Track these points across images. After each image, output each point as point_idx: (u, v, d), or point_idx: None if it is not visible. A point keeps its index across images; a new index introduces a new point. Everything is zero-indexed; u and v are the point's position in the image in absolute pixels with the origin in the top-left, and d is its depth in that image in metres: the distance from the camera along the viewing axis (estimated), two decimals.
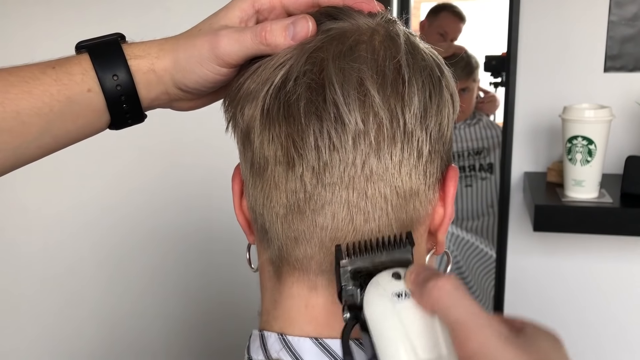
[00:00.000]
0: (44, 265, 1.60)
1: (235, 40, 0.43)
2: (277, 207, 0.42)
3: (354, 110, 0.39)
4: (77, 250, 1.58)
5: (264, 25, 0.43)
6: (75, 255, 1.59)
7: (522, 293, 1.37)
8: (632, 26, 1.22)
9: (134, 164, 1.53)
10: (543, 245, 1.34)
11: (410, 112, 0.40)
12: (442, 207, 0.45)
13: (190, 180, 1.52)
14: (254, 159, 0.42)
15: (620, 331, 1.34)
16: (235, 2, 0.46)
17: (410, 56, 0.42)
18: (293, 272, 0.44)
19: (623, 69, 1.23)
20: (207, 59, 0.44)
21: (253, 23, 0.46)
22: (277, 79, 0.41)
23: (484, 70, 2.04)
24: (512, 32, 1.25)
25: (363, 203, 0.40)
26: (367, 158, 0.40)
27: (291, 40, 0.42)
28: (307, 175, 0.40)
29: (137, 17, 1.46)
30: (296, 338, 0.43)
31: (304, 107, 0.40)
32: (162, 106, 0.49)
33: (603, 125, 1.10)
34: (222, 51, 0.43)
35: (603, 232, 1.15)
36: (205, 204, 1.50)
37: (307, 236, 0.42)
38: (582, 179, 1.13)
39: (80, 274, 1.58)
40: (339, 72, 0.40)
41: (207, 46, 0.44)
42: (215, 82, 0.45)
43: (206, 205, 1.50)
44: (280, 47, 0.42)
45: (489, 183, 2.04)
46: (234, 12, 0.46)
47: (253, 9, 0.46)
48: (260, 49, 0.43)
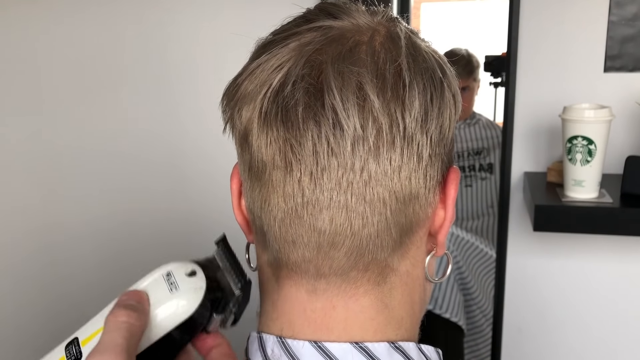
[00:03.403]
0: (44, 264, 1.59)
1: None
2: (275, 210, 0.41)
3: (353, 116, 0.38)
4: (77, 251, 1.58)
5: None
6: (76, 256, 1.59)
7: (522, 293, 1.37)
8: (632, 26, 1.21)
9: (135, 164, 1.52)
10: (543, 245, 1.34)
11: (411, 117, 0.40)
12: (442, 210, 0.45)
13: (190, 180, 1.51)
14: (252, 162, 0.42)
15: (620, 331, 1.34)
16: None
17: (412, 58, 0.41)
18: (291, 275, 0.44)
19: (623, 69, 1.23)
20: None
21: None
22: (275, 82, 0.40)
23: (483, 70, 2.04)
24: (512, 32, 1.24)
25: (362, 207, 0.40)
26: (365, 163, 0.39)
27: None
28: (305, 180, 0.40)
29: (138, 18, 1.46)
30: (295, 341, 0.43)
31: (302, 112, 0.39)
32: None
33: (603, 125, 1.10)
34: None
35: (603, 232, 1.15)
36: (205, 203, 1.50)
37: (304, 240, 0.41)
38: (582, 179, 1.13)
39: (81, 275, 1.58)
40: (337, 76, 0.39)
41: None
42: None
43: (206, 205, 1.50)
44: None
45: (489, 183, 2.04)
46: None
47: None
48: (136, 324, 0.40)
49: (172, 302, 0.42)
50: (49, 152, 1.54)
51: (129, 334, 0.39)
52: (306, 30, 0.42)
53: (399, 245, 0.43)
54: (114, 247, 1.56)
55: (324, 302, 0.43)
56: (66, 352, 0.42)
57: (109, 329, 0.39)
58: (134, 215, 1.54)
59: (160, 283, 0.43)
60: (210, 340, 0.45)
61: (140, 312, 0.41)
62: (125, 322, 0.39)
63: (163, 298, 0.42)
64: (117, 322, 0.39)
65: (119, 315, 0.40)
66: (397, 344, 0.43)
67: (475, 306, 1.78)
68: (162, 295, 0.43)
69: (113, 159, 1.52)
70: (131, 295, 0.42)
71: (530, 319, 1.37)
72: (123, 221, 1.55)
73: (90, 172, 1.53)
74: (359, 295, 0.43)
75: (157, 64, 1.46)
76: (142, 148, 1.50)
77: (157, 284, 0.43)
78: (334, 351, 0.42)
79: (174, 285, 0.43)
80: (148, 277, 0.44)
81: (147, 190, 1.53)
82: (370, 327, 0.43)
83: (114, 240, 1.55)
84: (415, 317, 0.47)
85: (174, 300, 0.42)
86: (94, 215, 1.55)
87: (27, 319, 1.58)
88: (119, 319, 0.39)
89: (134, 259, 1.53)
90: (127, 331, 0.39)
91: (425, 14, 2.35)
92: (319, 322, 0.43)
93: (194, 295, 0.43)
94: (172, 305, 0.42)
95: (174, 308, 0.42)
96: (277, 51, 0.41)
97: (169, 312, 0.42)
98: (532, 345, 1.38)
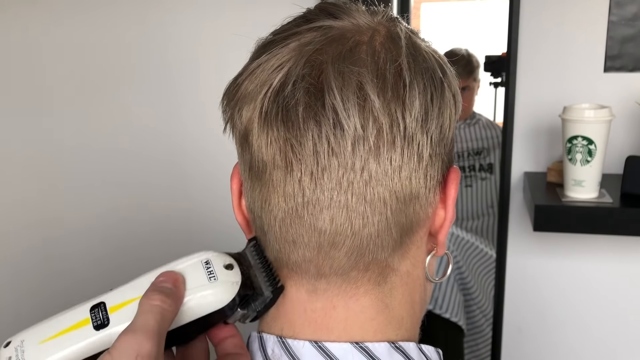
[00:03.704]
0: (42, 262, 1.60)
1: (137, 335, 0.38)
2: (275, 210, 0.41)
3: (353, 116, 0.38)
4: (77, 247, 1.58)
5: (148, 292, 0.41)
6: (75, 251, 1.59)
7: (522, 293, 1.37)
8: (632, 26, 1.21)
9: (136, 162, 1.53)
10: (543, 245, 1.34)
11: (411, 117, 0.40)
12: (442, 210, 0.45)
13: (191, 179, 1.52)
14: (252, 162, 0.42)
15: (620, 331, 1.34)
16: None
17: (412, 58, 0.41)
18: (292, 275, 0.44)
19: (623, 69, 1.23)
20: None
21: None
22: (275, 82, 0.40)
23: (483, 70, 2.04)
24: (512, 32, 1.24)
25: (362, 207, 0.40)
26: (366, 163, 0.39)
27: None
28: (305, 180, 0.40)
29: (138, 18, 1.46)
30: (296, 341, 0.43)
31: (302, 112, 0.39)
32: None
33: (603, 125, 1.10)
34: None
35: (603, 232, 1.15)
36: (206, 203, 1.50)
37: (305, 240, 0.41)
38: (582, 179, 1.13)
39: (80, 273, 1.58)
40: (338, 76, 0.39)
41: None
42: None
43: (207, 204, 1.50)
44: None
45: (489, 183, 2.04)
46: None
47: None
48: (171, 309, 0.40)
49: (208, 292, 0.42)
50: (51, 151, 1.54)
51: (162, 318, 0.39)
52: (306, 30, 0.42)
53: (400, 245, 0.43)
54: (114, 244, 1.56)
55: (325, 302, 0.43)
56: (91, 315, 0.42)
57: (142, 310, 0.39)
58: (134, 212, 1.54)
59: (199, 269, 0.43)
60: (226, 331, 0.45)
61: (174, 297, 0.41)
62: (158, 306, 0.39)
63: (201, 285, 0.42)
64: (151, 305, 0.39)
65: (154, 299, 0.40)
66: (398, 344, 0.43)
67: (475, 306, 1.78)
68: (200, 282, 0.43)
69: (114, 156, 1.52)
70: (168, 277, 0.42)
71: (530, 319, 1.37)
72: (123, 218, 1.55)
73: (92, 169, 1.54)
74: (359, 295, 0.43)
75: (159, 64, 1.46)
76: (143, 146, 1.50)
77: (195, 269, 0.43)
78: (334, 351, 0.42)
79: (213, 274, 0.43)
80: (185, 260, 0.44)
81: (147, 188, 1.53)
82: (370, 327, 0.43)
83: (114, 236, 1.56)
84: (415, 317, 0.47)
85: (210, 289, 0.42)
86: (94, 212, 1.55)
87: (26, 310, 1.58)
88: (153, 302, 0.40)
89: (133, 255, 1.54)
90: (159, 315, 0.39)
91: (425, 14, 2.36)
92: (319, 322, 0.43)
93: (230, 289, 0.43)
94: (208, 294, 0.42)
95: (210, 297, 0.42)
96: (277, 51, 0.41)
97: (203, 301, 0.42)
98: (532, 345, 1.38)
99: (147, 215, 1.54)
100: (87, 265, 1.58)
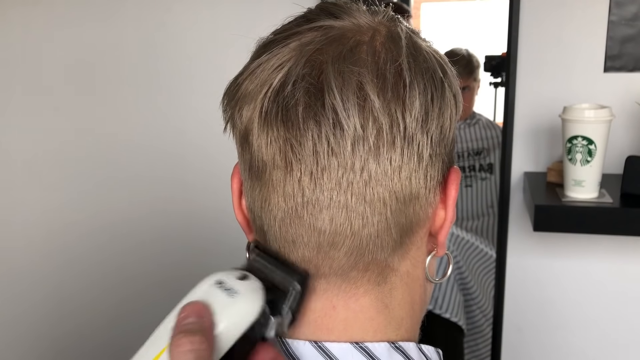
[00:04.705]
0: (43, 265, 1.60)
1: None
2: (275, 210, 0.41)
3: (353, 116, 0.38)
4: (77, 250, 1.58)
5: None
6: (76, 254, 1.59)
7: (522, 293, 1.37)
8: (632, 26, 1.21)
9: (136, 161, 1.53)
10: (543, 245, 1.34)
11: (412, 117, 0.40)
12: (443, 210, 0.45)
13: (191, 179, 1.52)
14: (252, 162, 0.42)
15: (620, 331, 1.34)
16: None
17: (412, 58, 0.41)
18: None
19: (623, 69, 1.23)
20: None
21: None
22: (275, 81, 0.40)
23: (484, 70, 2.04)
24: (512, 32, 1.24)
25: (362, 207, 0.40)
26: (365, 163, 0.39)
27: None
28: (305, 180, 0.40)
29: (138, 18, 1.46)
30: (295, 341, 0.43)
31: (302, 112, 0.39)
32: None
33: (603, 125, 1.10)
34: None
35: (603, 232, 1.15)
36: (206, 202, 1.50)
37: (304, 240, 0.41)
38: (582, 179, 1.13)
39: (80, 275, 1.58)
40: (338, 76, 0.39)
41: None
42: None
43: (207, 204, 1.50)
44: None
45: (489, 183, 2.04)
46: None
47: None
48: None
49: (235, 308, 0.39)
50: (52, 151, 1.54)
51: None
52: (307, 30, 0.42)
53: (399, 246, 0.43)
54: (114, 244, 1.56)
55: (324, 302, 0.43)
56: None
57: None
58: (134, 212, 1.54)
59: (215, 291, 0.40)
60: (267, 355, 0.40)
61: (203, 332, 0.36)
62: (190, 351, 0.35)
63: (225, 305, 0.39)
64: (181, 352, 0.35)
65: (183, 345, 0.35)
66: (397, 344, 0.43)
67: (475, 306, 1.78)
68: (223, 303, 0.39)
69: (114, 156, 1.52)
70: (190, 311, 0.37)
71: (531, 318, 1.37)
72: (123, 218, 1.55)
73: (92, 169, 1.53)
74: (359, 295, 0.43)
75: (159, 64, 1.46)
76: (142, 146, 1.50)
77: (211, 293, 0.40)
78: (334, 351, 0.42)
79: (232, 290, 0.40)
80: (196, 290, 0.40)
81: (147, 188, 1.53)
82: (370, 327, 0.43)
83: (114, 236, 1.56)
84: (415, 317, 0.47)
85: (236, 305, 0.39)
86: (94, 212, 1.55)
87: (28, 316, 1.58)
88: (183, 349, 0.35)
89: (134, 257, 1.54)
90: (196, 359, 0.35)
91: (425, 14, 2.35)
92: (319, 322, 0.43)
93: (255, 296, 0.40)
94: (236, 310, 0.39)
95: (240, 313, 0.39)
96: (277, 51, 0.41)
97: (234, 320, 0.39)
98: (532, 345, 1.38)
99: (147, 215, 1.54)
100: (87, 265, 1.58)
